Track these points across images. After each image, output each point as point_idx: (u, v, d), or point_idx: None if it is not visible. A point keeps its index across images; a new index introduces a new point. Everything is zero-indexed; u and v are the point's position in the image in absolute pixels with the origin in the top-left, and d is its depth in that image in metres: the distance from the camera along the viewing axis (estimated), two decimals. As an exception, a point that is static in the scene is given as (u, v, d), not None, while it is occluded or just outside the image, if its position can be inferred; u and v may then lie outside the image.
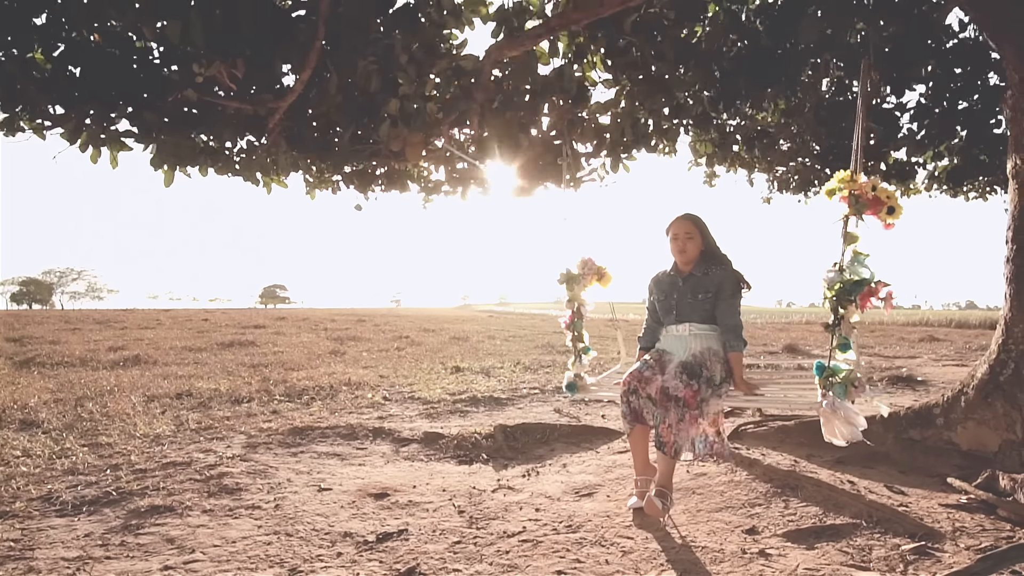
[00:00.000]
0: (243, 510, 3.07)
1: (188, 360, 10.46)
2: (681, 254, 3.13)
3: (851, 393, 2.45)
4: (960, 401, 3.26)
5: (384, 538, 2.74)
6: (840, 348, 2.51)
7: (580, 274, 3.43)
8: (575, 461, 3.87)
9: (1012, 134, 3.08)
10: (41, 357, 10.56)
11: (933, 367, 9.28)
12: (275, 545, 2.65)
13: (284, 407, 5.71)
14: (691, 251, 3.09)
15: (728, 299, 2.97)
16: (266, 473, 3.64)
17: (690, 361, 2.85)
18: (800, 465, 3.40)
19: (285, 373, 8.20)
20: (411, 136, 4.22)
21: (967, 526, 2.55)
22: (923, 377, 7.62)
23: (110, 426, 4.83)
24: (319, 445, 4.32)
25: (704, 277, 3.03)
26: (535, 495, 3.28)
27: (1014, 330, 3.08)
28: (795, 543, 2.52)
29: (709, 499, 3.08)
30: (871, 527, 2.59)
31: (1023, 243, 3.06)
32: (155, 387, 6.85)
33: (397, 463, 3.95)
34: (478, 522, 2.91)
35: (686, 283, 3.08)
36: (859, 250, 2.51)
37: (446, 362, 9.78)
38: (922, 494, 2.98)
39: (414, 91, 3.96)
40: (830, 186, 2.60)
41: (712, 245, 3.12)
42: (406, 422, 5.10)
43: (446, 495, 3.31)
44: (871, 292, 2.41)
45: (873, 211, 2.47)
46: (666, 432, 2.71)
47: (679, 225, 3.12)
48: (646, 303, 3.33)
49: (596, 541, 2.66)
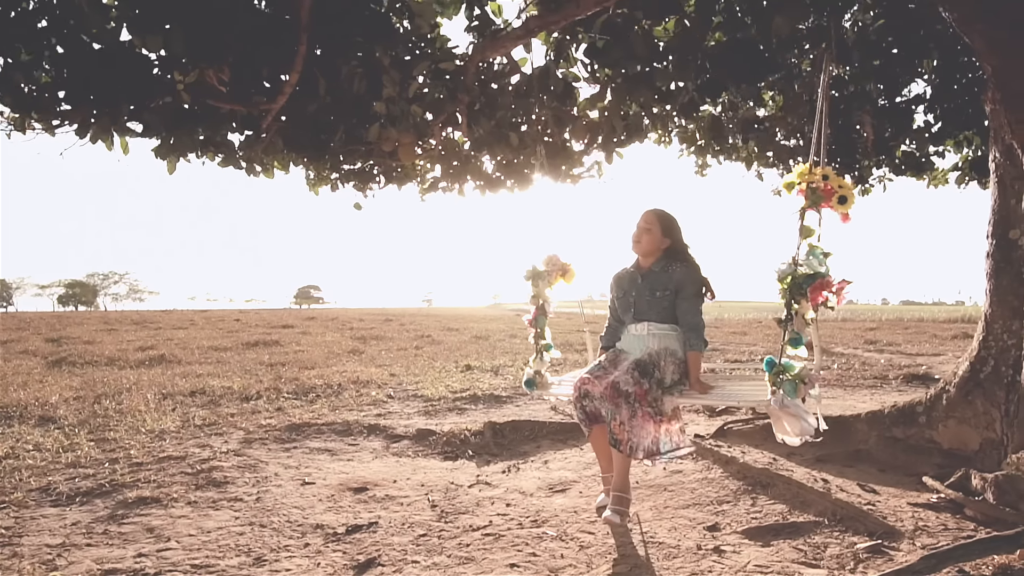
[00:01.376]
0: (225, 502, 3.19)
1: (211, 359, 10.78)
2: (636, 244, 3.11)
3: (801, 390, 2.43)
4: (942, 399, 3.20)
5: (353, 530, 2.82)
6: (791, 344, 2.49)
7: (546, 271, 3.45)
8: (558, 458, 3.91)
9: (992, 127, 3.00)
10: (73, 357, 10.99)
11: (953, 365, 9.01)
12: (247, 535, 2.76)
13: (289, 404, 5.87)
14: (645, 243, 3.06)
15: (690, 298, 2.94)
16: (255, 467, 3.77)
17: (644, 360, 2.84)
18: (778, 463, 3.37)
19: (299, 372, 8.39)
20: (402, 137, 4.30)
21: (930, 525, 2.51)
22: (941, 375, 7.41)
23: (120, 422, 5.03)
24: (313, 441, 4.44)
25: (663, 274, 3.01)
26: (510, 490, 3.32)
27: (994, 326, 3.01)
28: (752, 540, 2.52)
29: (679, 496, 3.08)
30: (832, 525, 2.57)
31: (1002, 237, 2.99)
32: (172, 385, 7.09)
33: (385, 459, 4.04)
34: (447, 516, 2.98)
35: (645, 280, 3.06)
36: (815, 244, 2.48)
37: (460, 361, 9.88)
38: (894, 493, 2.94)
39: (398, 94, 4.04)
40: (789, 179, 2.58)
41: (678, 244, 3.10)
42: (403, 419, 5.19)
43: (423, 490, 3.38)
44: (823, 285, 2.38)
45: (828, 203, 2.45)
46: (619, 429, 2.72)
47: (641, 216, 3.12)
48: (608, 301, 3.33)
49: (557, 536, 2.69)
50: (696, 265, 3.05)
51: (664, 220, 3.12)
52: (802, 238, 2.52)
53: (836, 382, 7.29)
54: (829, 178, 2.47)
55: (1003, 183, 3.01)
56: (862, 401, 5.81)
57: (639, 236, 3.10)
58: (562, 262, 3.54)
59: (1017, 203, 2.94)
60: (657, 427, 2.74)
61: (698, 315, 2.93)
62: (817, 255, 2.48)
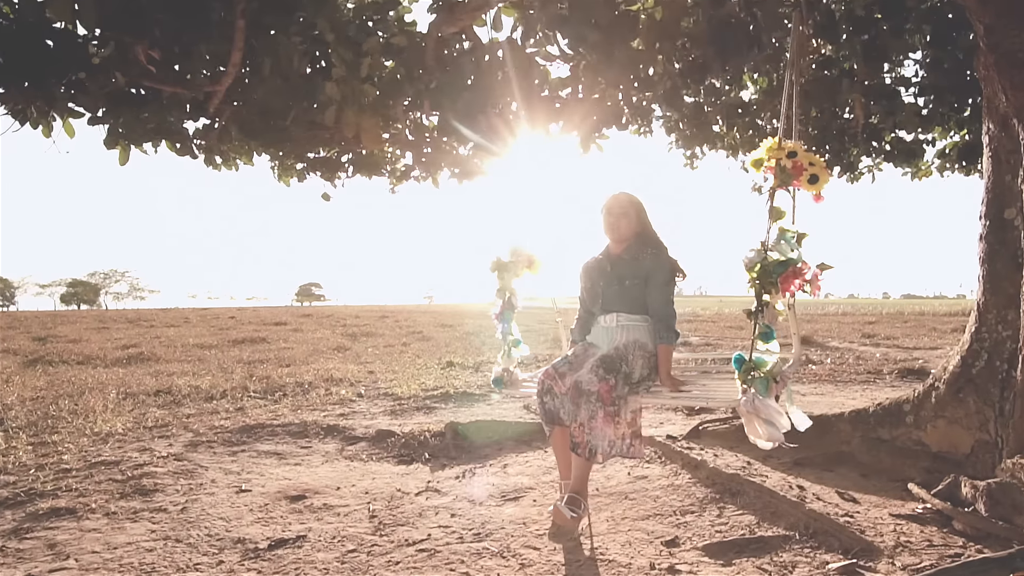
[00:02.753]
0: (147, 513, 2.92)
1: (192, 357, 10.52)
2: (613, 231, 2.85)
3: (773, 389, 2.15)
4: (931, 397, 2.91)
5: (277, 545, 2.55)
6: (762, 338, 2.20)
7: (511, 262, 3.17)
8: (518, 461, 3.63)
9: (984, 95, 2.71)
10: (52, 355, 10.74)
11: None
12: (157, 551, 2.49)
13: (252, 404, 5.60)
14: (624, 229, 2.81)
15: (660, 287, 2.68)
16: (192, 473, 3.50)
17: (611, 354, 2.58)
18: (752, 467, 3.10)
19: (275, 370, 8.13)
20: (363, 121, 4.01)
21: (913, 541, 2.23)
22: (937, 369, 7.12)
23: (69, 424, 4.77)
24: (264, 444, 4.17)
25: (633, 262, 2.75)
26: (458, 499, 3.05)
27: (987, 317, 2.72)
28: (713, 558, 2.24)
29: (640, 505, 2.81)
30: (804, 540, 2.29)
31: (996, 217, 2.70)
32: (138, 384, 6.83)
33: (335, 463, 3.76)
34: (384, 529, 2.70)
35: (614, 268, 2.80)
36: (786, 227, 2.19)
37: (444, 357, 9.61)
38: (875, 502, 2.65)
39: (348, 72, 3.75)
40: (756, 155, 2.30)
41: (648, 229, 2.83)
42: (366, 419, 4.92)
43: (367, 498, 3.11)
44: (795, 274, 2.10)
45: (798, 181, 2.16)
46: (578, 432, 2.45)
47: (614, 201, 2.84)
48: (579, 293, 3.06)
49: (499, 552, 2.42)
50: (665, 249, 2.78)
51: (637, 204, 2.85)
52: (772, 221, 2.23)
53: (827, 377, 7.00)
54: (798, 155, 2.18)
55: (997, 157, 2.72)
56: (851, 398, 5.52)
57: (616, 222, 2.83)
58: (527, 252, 3.27)
59: (1013, 179, 2.64)
60: (616, 429, 2.47)
61: (669, 304, 2.66)
62: (789, 239, 2.19)
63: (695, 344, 11.95)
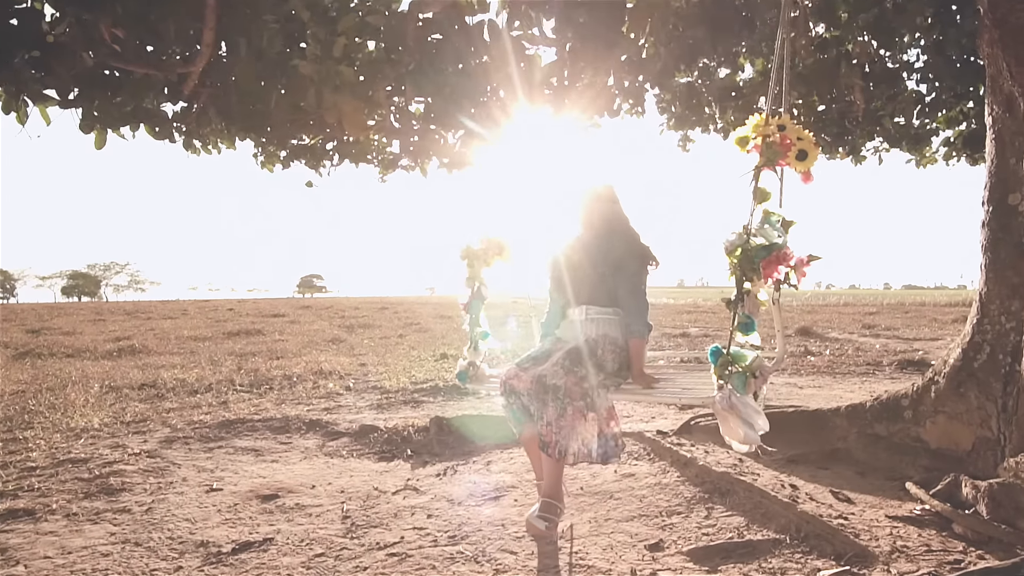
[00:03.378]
0: (110, 514, 2.79)
1: (184, 350, 10.41)
2: (582, 218, 2.72)
3: (751, 385, 2.01)
4: (931, 392, 2.77)
5: (241, 548, 2.42)
6: (741, 329, 2.06)
7: (481, 250, 3.03)
8: (502, 458, 3.50)
9: (989, 74, 2.56)
10: (42, 348, 10.62)
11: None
12: (113, 556, 2.36)
13: (237, 398, 5.48)
14: (593, 216, 2.68)
15: (631, 276, 2.54)
16: (163, 471, 3.37)
17: (577, 348, 2.44)
18: (743, 465, 2.96)
19: (265, 362, 8.01)
20: (344, 105, 3.86)
21: (910, 545, 2.09)
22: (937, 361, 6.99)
23: (45, 420, 4.64)
24: (242, 439, 4.04)
25: (603, 251, 2.60)
26: (437, 498, 2.92)
27: (990, 308, 2.58)
28: (698, 563, 2.11)
29: (625, 505, 2.67)
30: (794, 544, 2.16)
31: (1000, 203, 2.55)
32: (123, 378, 6.71)
33: (314, 459, 3.64)
34: (356, 530, 2.58)
35: (583, 259, 2.66)
36: (770, 210, 2.05)
37: (438, 349, 9.48)
38: (871, 502, 2.52)
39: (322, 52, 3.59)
40: (741, 133, 2.15)
41: (619, 216, 2.69)
42: (351, 413, 4.80)
43: (342, 497, 2.98)
44: (779, 259, 1.96)
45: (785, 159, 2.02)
46: (547, 431, 2.32)
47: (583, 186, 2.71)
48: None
49: (473, 556, 2.29)
50: (637, 236, 2.64)
51: (608, 189, 2.72)
52: (756, 203, 2.09)
53: (826, 369, 6.87)
54: (786, 128, 2.03)
55: (1001, 139, 2.57)
56: (849, 391, 5.39)
57: (585, 208, 2.69)
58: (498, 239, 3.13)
59: (1017, 163, 2.49)
60: (589, 428, 2.33)
61: (640, 295, 2.52)
62: (774, 223, 2.05)
63: (694, 335, 11.82)
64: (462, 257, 3.02)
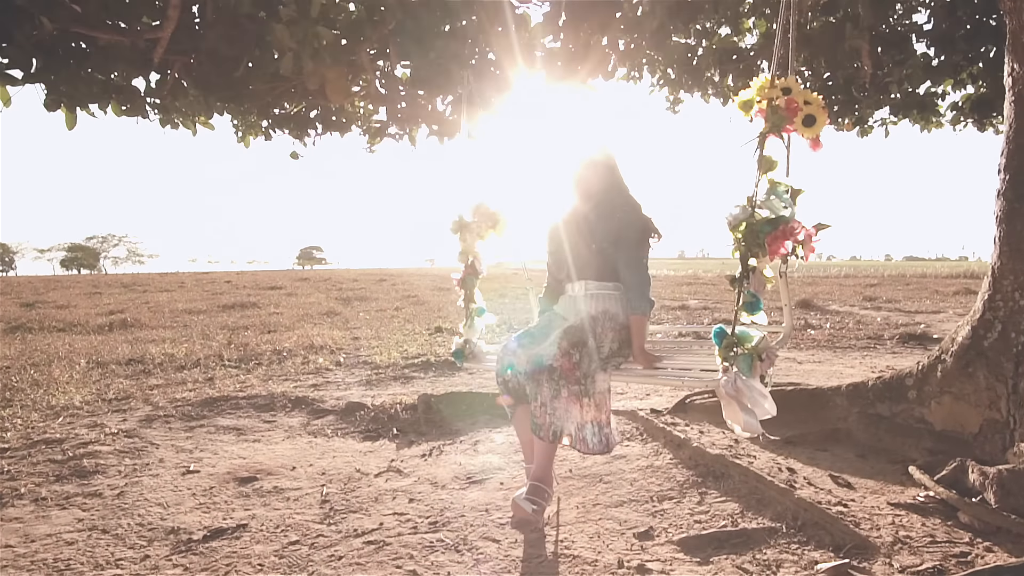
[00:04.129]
0: (80, 498, 2.69)
1: (177, 324, 10.29)
2: (579, 187, 2.55)
3: (757, 368, 1.87)
4: (936, 371, 2.64)
5: (213, 535, 2.32)
6: (747, 309, 1.92)
7: (474, 222, 2.87)
8: (490, 438, 3.39)
9: (1010, 29, 2.36)
10: (33, 322, 10.49)
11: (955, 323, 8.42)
12: (78, 545, 2.26)
13: (224, 373, 5.36)
14: (591, 185, 2.51)
15: (631, 248, 2.38)
16: (140, 452, 3.27)
17: (577, 326, 2.30)
18: (739, 447, 2.85)
19: (256, 336, 7.90)
20: (328, 72, 3.66)
21: (913, 536, 1.98)
22: (940, 334, 6.86)
23: (26, 397, 4.53)
24: (225, 418, 3.93)
25: (603, 222, 2.44)
26: (420, 480, 2.81)
27: (1003, 283, 2.43)
28: (689, 554, 2.00)
29: (615, 489, 2.57)
30: (791, 534, 2.05)
31: (1018, 171, 2.38)
32: (111, 353, 6.59)
33: (297, 439, 3.53)
34: (334, 516, 2.47)
35: (581, 231, 2.50)
36: (776, 179, 1.89)
37: (433, 322, 9.36)
38: (872, 487, 2.40)
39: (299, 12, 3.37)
40: (745, 96, 1.98)
41: (619, 184, 2.51)
42: (339, 390, 4.68)
43: (322, 479, 2.88)
44: (786, 233, 1.80)
45: (791, 124, 1.85)
46: (540, 412, 2.19)
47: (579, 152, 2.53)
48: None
49: (453, 544, 2.18)
50: (638, 206, 2.47)
51: (607, 155, 2.54)
52: (761, 172, 1.92)
53: (826, 343, 6.75)
54: (792, 91, 1.85)
55: (1021, 101, 2.39)
56: (850, 366, 5.27)
57: (581, 177, 2.52)
58: (491, 211, 2.97)
59: (1039, 126, 2.32)
60: (583, 412, 2.21)
61: (642, 269, 2.37)
62: (780, 194, 1.89)
63: (693, 308, 11.69)
64: (453, 230, 2.86)
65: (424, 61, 4.02)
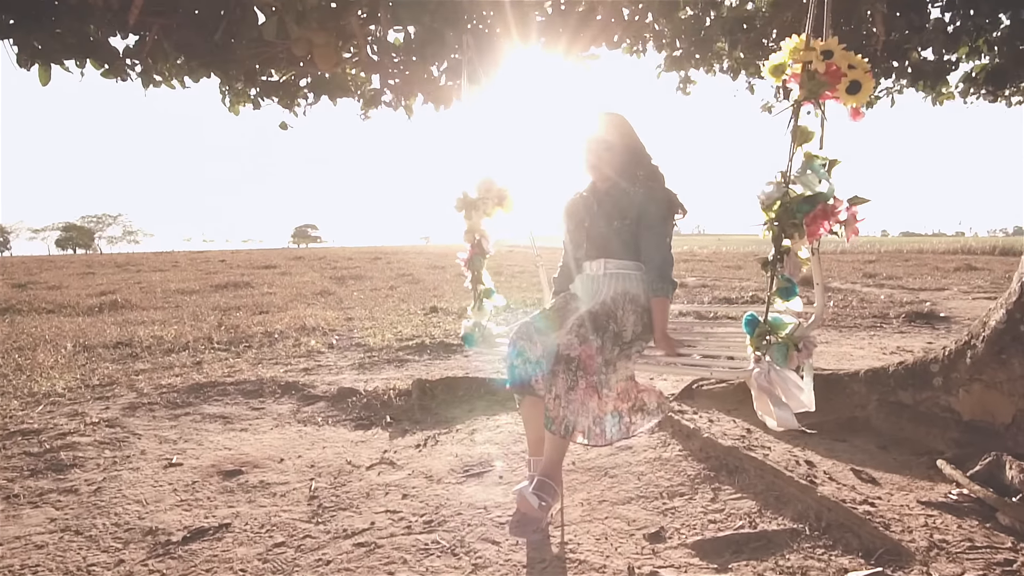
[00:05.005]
0: (54, 495, 2.53)
1: (168, 304, 10.10)
2: (594, 169, 2.35)
3: (793, 359, 1.70)
4: (966, 356, 2.47)
5: (194, 536, 2.17)
6: (781, 295, 1.74)
7: (479, 199, 2.67)
8: (488, 426, 3.23)
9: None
10: (23, 304, 10.29)
11: (961, 300, 8.31)
12: (48, 549, 2.10)
13: (212, 357, 5.19)
14: (607, 165, 2.32)
15: (655, 226, 2.20)
16: (121, 443, 3.11)
17: (597, 310, 2.12)
18: (752, 436, 2.70)
19: (248, 318, 7.71)
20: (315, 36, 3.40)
21: (949, 540, 1.83)
22: (947, 313, 6.72)
23: (8, 383, 4.36)
24: (211, 405, 3.77)
25: (623, 197, 2.25)
26: (414, 474, 2.66)
27: (1043, 262, 2.25)
28: (704, 559, 1.85)
29: (622, 484, 2.41)
30: (815, 537, 1.90)
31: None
32: (99, 336, 6.41)
33: (285, 428, 3.37)
34: (323, 514, 2.32)
35: (600, 207, 2.31)
36: (813, 153, 1.69)
37: (428, 302, 9.18)
38: (899, 483, 2.25)
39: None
40: (776, 60, 1.77)
41: (639, 154, 2.31)
42: (331, 374, 4.52)
43: (312, 472, 2.72)
44: (825, 212, 1.61)
45: (832, 91, 1.64)
46: (554, 405, 2.01)
47: (593, 127, 2.33)
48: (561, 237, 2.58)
49: (450, 546, 2.03)
50: (661, 178, 2.28)
51: (623, 126, 2.33)
52: (796, 144, 1.72)
53: (831, 322, 6.60)
54: (834, 55, 1.65)
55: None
56: (859, 347, 5.11)
57: (596, 157, 2.32)
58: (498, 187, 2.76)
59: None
60: (602, 404, 2.04)
61: (665, 248, 2.19)
62: (817, 168, 1.69)
63: (691, 285, 11.53)
64: (458, 208, 2.65)
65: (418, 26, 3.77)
